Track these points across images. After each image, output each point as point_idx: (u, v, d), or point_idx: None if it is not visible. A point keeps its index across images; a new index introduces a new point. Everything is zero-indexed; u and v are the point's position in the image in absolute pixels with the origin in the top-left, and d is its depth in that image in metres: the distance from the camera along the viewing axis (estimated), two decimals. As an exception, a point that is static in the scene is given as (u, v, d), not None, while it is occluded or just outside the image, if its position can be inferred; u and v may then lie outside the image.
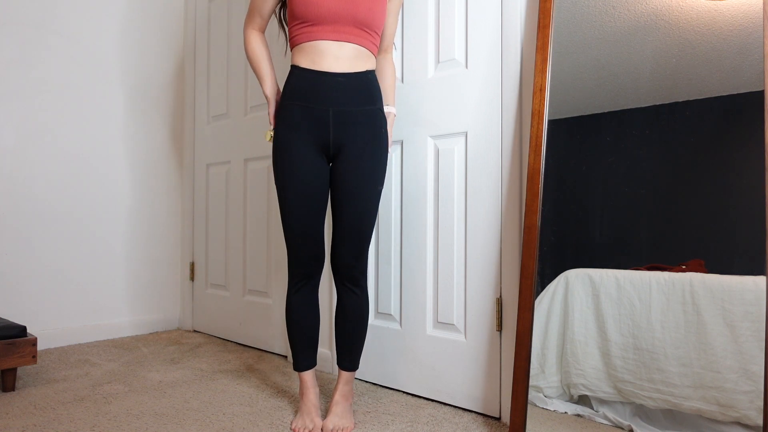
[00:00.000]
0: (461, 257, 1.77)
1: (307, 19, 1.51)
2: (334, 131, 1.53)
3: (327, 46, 1.51)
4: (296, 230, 1.57)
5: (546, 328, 1.56)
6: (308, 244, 1.58)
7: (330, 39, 1.51)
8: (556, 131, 1.58)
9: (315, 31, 1.51)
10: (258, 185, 2.53)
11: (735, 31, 1.31)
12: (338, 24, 1.50)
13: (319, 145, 1.54)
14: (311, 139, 1.53)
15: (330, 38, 1.51)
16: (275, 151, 1.57)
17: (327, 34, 1.51)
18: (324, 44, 1.51)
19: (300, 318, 1.63)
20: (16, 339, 1.80)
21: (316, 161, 1.55)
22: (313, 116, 1.52)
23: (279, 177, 1.57)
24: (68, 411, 1.65)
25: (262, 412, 1.68)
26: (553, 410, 1.52)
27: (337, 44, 1.52)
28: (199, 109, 2.88)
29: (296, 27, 1.54)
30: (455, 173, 1.79)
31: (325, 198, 1.59)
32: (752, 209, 1.24)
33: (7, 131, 2.35)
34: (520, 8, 1.66)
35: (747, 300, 1.24)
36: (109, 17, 2.67)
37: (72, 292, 2.54)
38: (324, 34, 1.51)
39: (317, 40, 1.51)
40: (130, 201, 2.75)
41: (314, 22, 1.50)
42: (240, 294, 2.61)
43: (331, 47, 1.51)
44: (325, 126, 1.53)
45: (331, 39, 1.51)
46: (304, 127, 1.53)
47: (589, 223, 1.52)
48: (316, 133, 1.53)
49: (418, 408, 1.75)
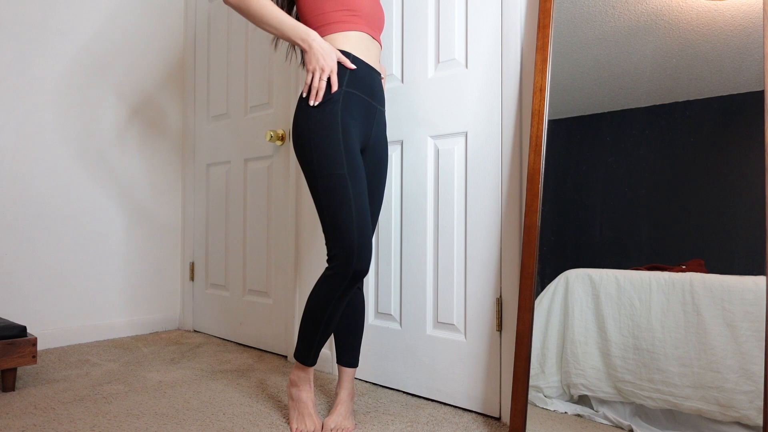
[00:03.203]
0: (461, 257, 1.77)
1: (353, 7, 1.47)
2: (373, 127, 1.56)
3: (368, 39, 1.51)
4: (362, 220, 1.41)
5: (546, 328, 1.56)
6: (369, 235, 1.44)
7: (368, 33, 1.51)
8: (556, 131, 1.58)
9: (358, 22, 1.49)
10: (258, 185, 2.53)
11: (735, 31, 1.31)
12: (372, 21, 1.51)
13: (361, 138, 1.53)
14: (360, 132, 1.51)
15: (368, 32, 1.51)
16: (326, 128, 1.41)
17: (366, 28, 1.50)
18: (366, 37, 1.51)
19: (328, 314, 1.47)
20: (16, 339, 1.80)
21: None
22: (367, 108, 1.52)
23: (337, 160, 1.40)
24: (68, 411, 1.65)
25: (262, 412, 1.68)
26: (553, 410, 1.52)
27: (372, 40, 1.53)
28: (199, 109, 2.88)
29: (339, 13, 1.47)
30: (455, 173, 1.79)
31: None
32: (752, 209, 1.24)
33: (7, 131, 2.35)
34: (520, 8, 1.66)
35: (747, 300, 1.24)
36: (109, 17, 2.67)
37: (72, 292, 2.54)
38: (364, 27, 1.50)
39: (360, 32, 1.49)
40: (130, 201, 2.75)
41: (358, 12, 1.48)
42: (240, 294, 2.61)
43: (369, 42, 1.52)
44: (371, 122, 1.55)
45: (369, 33, 1.51)
46: (360, 118, 1.50)
47: (589, 223, 1.52)
48: (364, 125, 1.52)
49: (418, 408, 1.75)
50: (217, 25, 2.78)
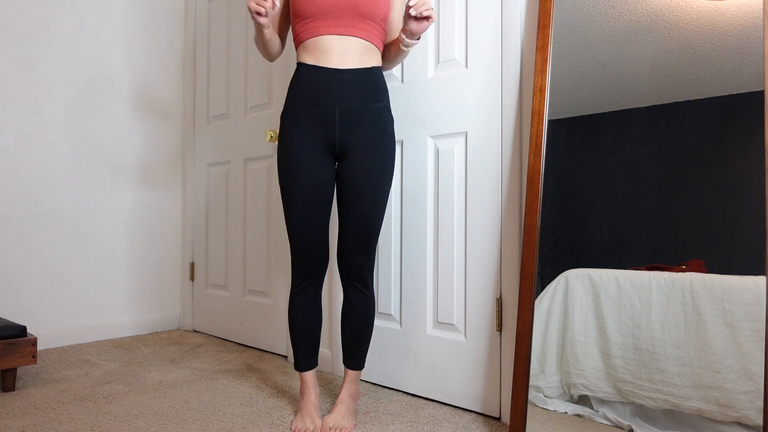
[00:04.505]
0: (461, 257, 1.77)
1: (308, 14, 1.48)
2: (341, 130, 1.51)
3: (331, 41, 1.48)
4: (301, 231, 1.55)
5: (546, 328, 1.56)
6: (313, 245, 1.57)
7: (333, 33, 1.48)
8: (556, 131, 1.58)
9: (318, 27, 1.49)
10: (258, 185, 2.53)
11: (735, 31, 1.31)
12: (341, 17, 1.47)
13: (326, 144, 1.52)
14: (317, 138, 1.51)
15: (333, 32, 1.48)
16: (280, 149, 1.55)
17: (330, 29, 1.48)
18: (328, 39, 1.48)
19: (303, 319, 1.62)
20: (16, 339, 1.80)
21: (322, 161, 1.53)
22: (319, 114, 1.50)
23: (283, 176, 1.54)
24: (68, 411, 1.65)
25: (262, 412, 1.68)
26: (553, 410, 1.52)
27: (341, 39, 1.49)
28: (199, 109, 2.88)
29: (299, 24, 1.52)
30: (455, 173, 1.79)
31: (330, 198, 1.57)
32: (752, 209, 1.24)
33: (7, 131, 2.35)
34: (520, 8, 1.66)
35: (747, 300, 1.24)
36: (109, 17, 2.67)
37: (72, 292, 2.54)
38: (327, 29, 1.48)
39: (320, 36, 1.49)
40: (130, 201, 2.75)
41: (316, 16, 1.48)
42: (240, 294, 2.61)
43: (335, 42, 1.48)
44: (331, 124, 1.50)
45: (334, 33, 1.48)
46: (310, 126, 1.50)
47: (589, 223, 1.52)
48: (323, 131, 1.51)
49: (418, 408, 1.75)
50: (217, 25, 2.78)
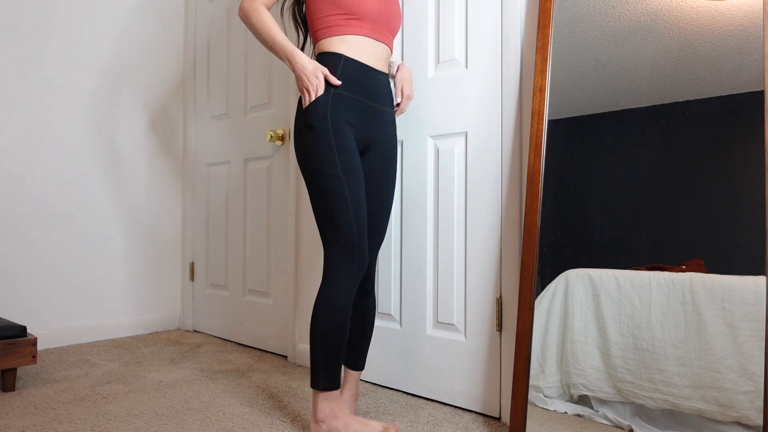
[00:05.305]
0: (461, 257, 1.77)
1: (354, 12, 1.50)
2: (373, 128, 1.55)
3: (368, 43, 1.53)
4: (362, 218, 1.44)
5: (546, 328, 1.56)
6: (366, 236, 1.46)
7: (370, 36, 1.53)
8: (556, 131, 1.58)
9: (360, 26, 1.52)
10: (258, 185, 2.53)
11: (735, 31, 1.31)
12: (379, 24, 1.53)
13: (357, 138, 1.52)
14: (355, 132, 1.51)
15: (371, 36, 1.53)
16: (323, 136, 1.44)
17: (368, 32, 1.53)
18: (367, 41, 1.53)
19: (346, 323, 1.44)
20: (16, 339, 1.80)
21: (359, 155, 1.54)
22: (362, 109, 1.52)
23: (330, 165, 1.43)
24: (68, 411, 1.65)
25: (262, 412, 1.68)
26: (553, 410, 1.52)
27: (374, 43, 1.54)
28: (199, 109, 2.88)
29: (338, 17, 1.51)
30: (455, 173, 1.79)
31: None
32: (752, 209, 1.24)
33: (7, 131, 2.35)
34: (520, 8, 1.66)
35: (747, 300, 1.24)
36: (109, 17, 2.67)
37: (72, 292, 2.54)
38: (366, 31, 1.52)
39: (360, 36, 1.52)
40: (129, 201, 2.75)
41: (360, 16, 1.51)
42: (240, 294, 2.61)
43: (372, 44, 1.54)
44: (368, 121, 1.54)
45: (371, 36, 1.53)
46: (354, 119, 1.50)
47: (589, 223, 1.52)
48: (361, 126, 1.52)
49: (418, 408, 1.75)
50: (217, 25, 2.78)
